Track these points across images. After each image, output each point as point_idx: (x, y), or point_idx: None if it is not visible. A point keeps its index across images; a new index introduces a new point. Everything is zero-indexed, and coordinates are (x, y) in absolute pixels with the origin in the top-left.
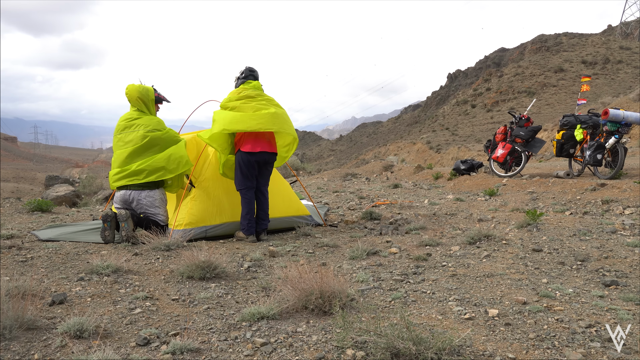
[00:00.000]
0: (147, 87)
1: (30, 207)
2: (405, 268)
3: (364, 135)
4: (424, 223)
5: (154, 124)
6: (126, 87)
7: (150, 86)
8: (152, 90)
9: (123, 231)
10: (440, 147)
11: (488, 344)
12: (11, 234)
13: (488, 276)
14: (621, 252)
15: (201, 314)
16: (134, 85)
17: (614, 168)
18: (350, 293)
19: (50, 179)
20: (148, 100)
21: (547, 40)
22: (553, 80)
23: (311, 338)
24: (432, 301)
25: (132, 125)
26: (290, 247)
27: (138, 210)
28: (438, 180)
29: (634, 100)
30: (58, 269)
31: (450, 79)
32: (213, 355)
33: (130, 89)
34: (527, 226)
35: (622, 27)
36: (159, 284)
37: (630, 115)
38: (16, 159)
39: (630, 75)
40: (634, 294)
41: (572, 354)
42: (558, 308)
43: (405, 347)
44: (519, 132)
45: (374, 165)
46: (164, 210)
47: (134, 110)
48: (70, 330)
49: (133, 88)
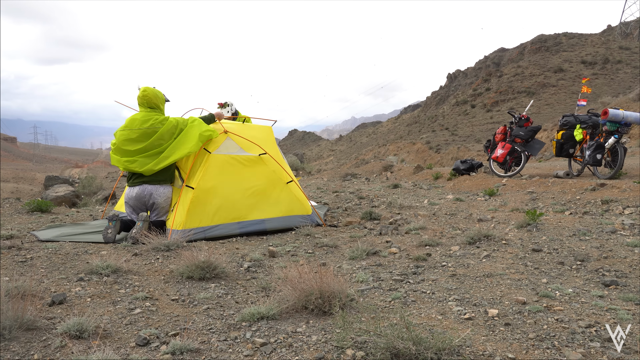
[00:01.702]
0: (156, 90)
1: (29, 208)
2: (405, 268)
3: (363, 135)
4: (423, 223)
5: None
6: (143, 90)
7: (154, 87)
8: (160, 92)
9: (135, 229)
10: (439, 147)
11: (488, 344)
12: (11, 235)
13: (488, 276)
14: (621, 252)
15: (201, 314)
16: (149, 88)
17: (613, 168)
18: (350, 293)
19: (49, 179)
20: (162, 101)
21: (547, 40)
22: (553, 80)
23: (311, 338)
24: (431, 301)
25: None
26: (290, 247)
27: (150, 206)
28: (438, 180)
29: (633, 100)
30: (58, 269)
31: (449, 79)
32: (213, 355)
33: (148, 91)
34: (526, 226)
35: (622, 27)
36: (158, 284)
37: (630, 115)
38: (16, 159)
39: (630, 75)
40: (634, 294)
41: (572, 354)
42: (558, 308)
43: (405, 347)
44: (519, 132)
45: (374, 165)
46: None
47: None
48: (69, 330)
49: (151, 91)
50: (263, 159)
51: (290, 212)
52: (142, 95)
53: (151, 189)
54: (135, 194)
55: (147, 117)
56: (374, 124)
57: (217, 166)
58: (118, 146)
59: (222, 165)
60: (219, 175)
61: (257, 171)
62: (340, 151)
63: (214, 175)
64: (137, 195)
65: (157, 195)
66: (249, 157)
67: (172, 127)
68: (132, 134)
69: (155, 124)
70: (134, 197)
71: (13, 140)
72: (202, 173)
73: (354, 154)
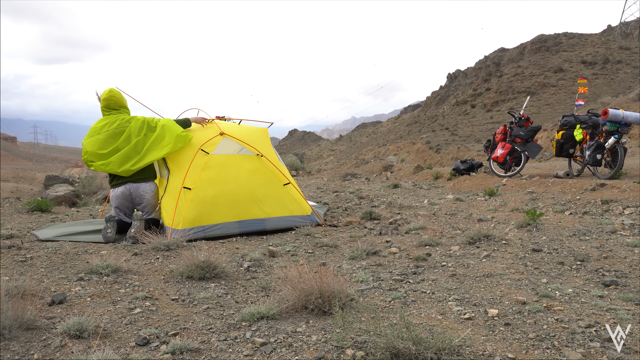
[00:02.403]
0: (116, 91)
1: (29, 207)
2: (404, 268)
3: (363, 135)
4: (423, 223)
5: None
6: (109, 92)
7: (113, 88)
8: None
9: (133, 229)
10: (439, 147)
11: (488, 344)
12: (11, 234)
13: (488, 276)
14: (621, 252)
15: (201, 314)
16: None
17: (613, 168)
18: (349, 293)
19: (49, 178)
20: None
21: (547, 40)
22: (553, 80)
23: (311, 338)
24: (431, 301)
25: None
26: (290, 247)
27: (138, 203)
28: (438, 180)
29: (633, 100)
30: (57, 268)
31: (449, 79)
32: (213, 355)
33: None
34: (526, 226)
35: (622, 27)
36: (158, 284)
37: (630, 115)
38: (16, 158)
39: (630, 75)
40: (634, 294)
41: (572, 354)
42: (558, 308)
43: (405, 347)
44: (519, 132)
45: (374, 165)
46: (158, 207)
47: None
48: (69, 330)
49: (116, 92)
50: (261, 159)
51: (290, 212)
52: (109, 97)
53: (135, 187)
54: (120, 193)
55: (113, 119)
56: (374, 124)
57: (215, 166)
58: (90, 153)
59: (221, 165)
60: (217, 175)
61: (255, 170)
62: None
63: (212, 175)
64: (122, 195)
65: (142, 192)
66: (247, 156)
67: (141, 124)
68: (100, 137)
69: (122, 123)
70: (119, 196)
71: (13, 139)
72: (201, 173)
73: (354, 154)
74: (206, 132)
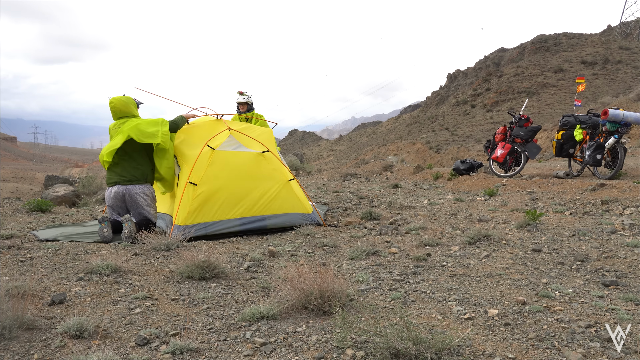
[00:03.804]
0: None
1: (29, 207)
2: (404, 268)
3: (363, 135)
4: (423, 223)
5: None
6: (110, 102)
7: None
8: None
9: (126, 229)
10: (439, 147)
11: (487, 344)
12: (11, 234)
13: (488, 276)
14: (621, 252)
15: (201, 314)
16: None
17: (613, 168)
18: (350, 293)
19: (49, 179)
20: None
21: (547, 40)
22: (553, 80)
23: (311, 338)
24: (431, 301)
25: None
26: (290, 247)
27: (131, 204)
28: (438, 180)
29: (633, 100)
30: (57, 269)
31: (449, 79)
32: (213, 355)
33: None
34: (526, 226)
35: (622, 27)
36: (158, 283)
37: (630, 115)
38: (16, 159)
39: (630, 76)
40: (634, 294)
41: (572, 354)
42: (558, 308)
43: (405, 347)
44: (519, 132)
45: (374, 165)
46: (154, 208)
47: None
48: (69, 330)
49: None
50: (265, 156)
51: (292, 209)
52: (110, 107)
53: (127, 189)
54: (113, 194)
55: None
56: (374, 124)
57: (220, 162)
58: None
59: (226, 161)
60: (222, 171)
61: (259, 167)
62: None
63: (217, 172)
64: (115, 195)
65: (134, 194)
66: (251, 154)
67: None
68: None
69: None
70: (112, 197)
71: (13, 139)
72: (206, 169)
73: (354, 154)
74: (213, 128)
